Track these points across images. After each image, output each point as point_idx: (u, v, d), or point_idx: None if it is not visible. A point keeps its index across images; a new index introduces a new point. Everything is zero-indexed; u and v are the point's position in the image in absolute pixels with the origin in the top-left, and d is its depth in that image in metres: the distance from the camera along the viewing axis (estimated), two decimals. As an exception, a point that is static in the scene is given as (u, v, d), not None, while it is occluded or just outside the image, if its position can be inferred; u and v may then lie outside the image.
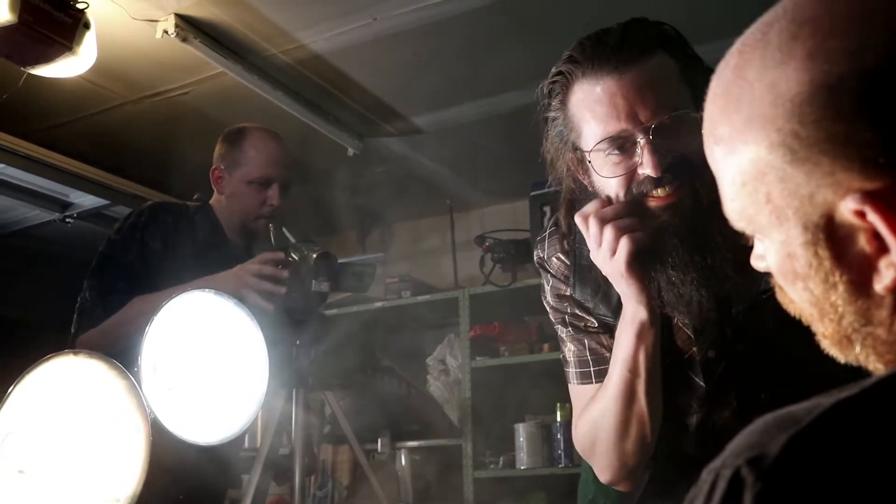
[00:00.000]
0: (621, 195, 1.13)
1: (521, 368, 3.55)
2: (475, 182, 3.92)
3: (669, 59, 1.13)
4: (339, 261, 1.98)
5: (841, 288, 0.56)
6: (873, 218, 0.52)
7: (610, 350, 1.27)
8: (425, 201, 4.00)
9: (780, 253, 0.59)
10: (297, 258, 1.93)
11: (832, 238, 0.55)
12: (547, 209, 3.51)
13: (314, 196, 3.78)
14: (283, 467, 1.94)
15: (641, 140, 1.09)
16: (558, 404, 3.37)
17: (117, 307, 1.90)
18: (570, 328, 1.34)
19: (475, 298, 3.63)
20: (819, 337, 0.62)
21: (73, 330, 1.97)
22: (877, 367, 0.59)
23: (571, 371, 1.33)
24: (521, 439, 3.40)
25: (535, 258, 1.38)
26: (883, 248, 0.53)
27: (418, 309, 3.82)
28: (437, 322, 3.97)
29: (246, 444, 3.67)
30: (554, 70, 1.19)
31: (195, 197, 2.23)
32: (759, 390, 1.17)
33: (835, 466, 0.46)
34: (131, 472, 1.26)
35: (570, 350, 1.33)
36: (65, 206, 3.63)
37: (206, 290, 1.49)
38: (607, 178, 1.14)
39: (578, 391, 1.33)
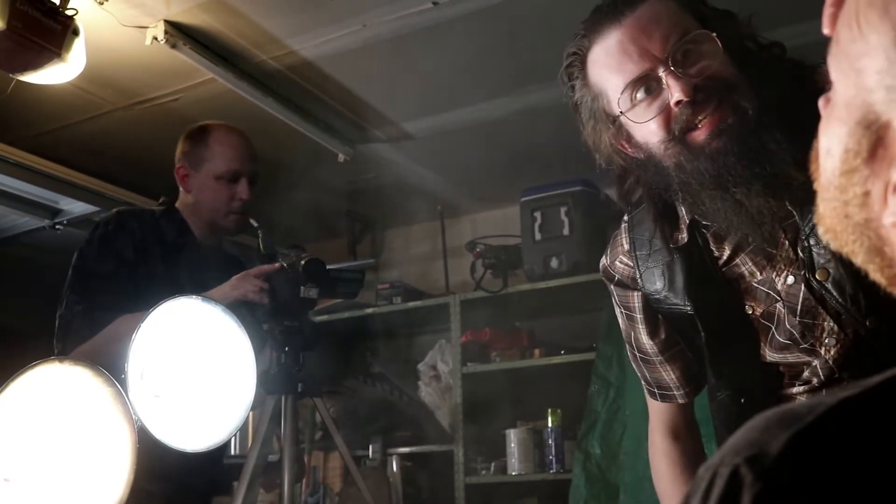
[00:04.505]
0: (664, 136, 1.12)
1: (513, 374, 3.56)
2: (466, 188, 3.93)
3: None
4: (329, 267, 1.97)
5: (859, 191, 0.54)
6: None
7: (668, 377, 1.36)
8: (416, 207, 4.00)
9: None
10: (285, 264, 1.93)
11: (876, 144, 0.52)
12: (538, 215, 3.52)
13: (305, 202, 3.78)
14: (272, 474, 1.93)
15: (663, 73, 1.09)
16: (549, 410, 3.38)
17: (104, 323, 1.88)
18: (633, 349, 1.39)
19: (466, 304, 3.63)
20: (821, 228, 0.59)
21: (57, 346, 1.95)
22: (877, 277, 0.57)
23: (643, 386, 1.42)
24: (513, 445, 3.40)
25: (600, 268, 1.40)
26: None
27: (409, 315, 3.82)
28: (428, 328, 3.98)
29: (238, 451, 3.67)
30: (567, 52, 1.21)
31: (160, 200, 2.21)
32: (863, 317, 1.09)
33: (836, 467, 0.45)
34: (117, 479, 1.26)
35: (636, 369, 1.42)
36: (54, 212, 3.63)
37: (194, 296, 1.48)
38: (644, 124, 1.13)
39: (650, 403, 1.43)
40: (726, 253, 1.20)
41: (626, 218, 1.34)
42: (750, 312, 1.20)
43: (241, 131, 2.24)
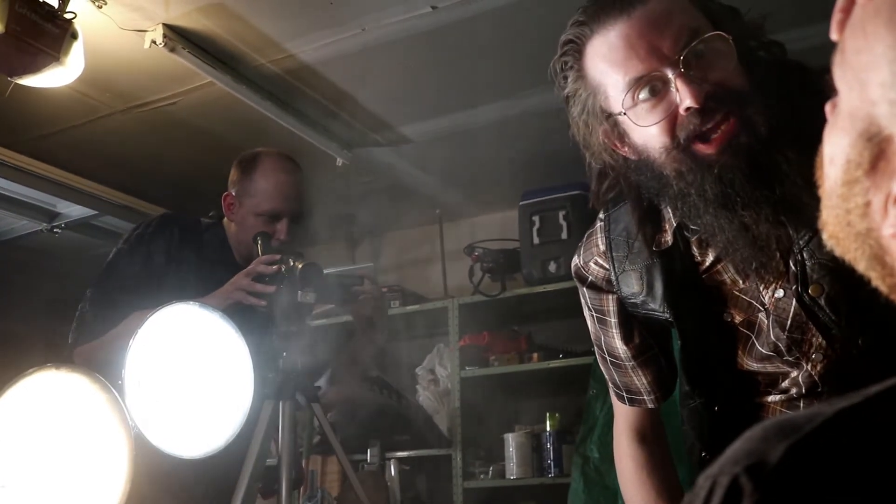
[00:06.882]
0: (667, 143, 1.04)
1: (511, 378, 3.55)
2: (465, 192, 3.93)
3: None
4: (326, 271, 1.96)
5: (860, 201, 0.53)
6: None
7: (639, 381, 1.31)
8: (415, 211, 4.00)
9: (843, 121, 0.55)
10: (283, 269, 1.92)
11: (878, 157, 0.52)
12: (536, 219, 3.52)
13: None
14: (270, 479, 1.92)
15: (672, 74, 1.00)
16: (548, 414, 3.37)
17: (117, 320, 1.87)
18: (603, 352, 1.35)
19: (464, 308, 3.63)
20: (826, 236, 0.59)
21: (70, 340, 1.95)
22: (879, 286, 0.56)
23: (610, 388, 1.38)
24: (511, 449, 3.39)
25: (572, 267, 1.33)
26: None
27: (407, 318, 3.81)
28: (426, 332, 3.97)
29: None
30: (562, 40, 1.12)
31: (210, 214, 2.18)
32: (856, 334, 1.05)
33: (835, 477, 0.45)
34: (114, 486, 1.25)
35: (604, 371, 1.37)
36: (52, 216, 3.63)
37: (191, 302, 1.48)
38: (646, 128, 1.04)
39: (616, 405, 1.39)
40: (709, 259, 1.15)
41: (601, 216, 1.27)
42: (729, 320, 1.16)
43: (290, 166, 2.14)
